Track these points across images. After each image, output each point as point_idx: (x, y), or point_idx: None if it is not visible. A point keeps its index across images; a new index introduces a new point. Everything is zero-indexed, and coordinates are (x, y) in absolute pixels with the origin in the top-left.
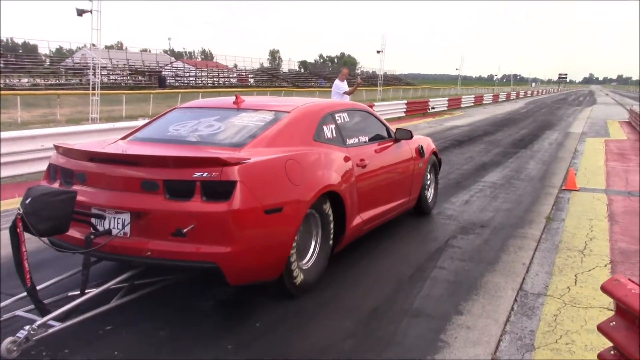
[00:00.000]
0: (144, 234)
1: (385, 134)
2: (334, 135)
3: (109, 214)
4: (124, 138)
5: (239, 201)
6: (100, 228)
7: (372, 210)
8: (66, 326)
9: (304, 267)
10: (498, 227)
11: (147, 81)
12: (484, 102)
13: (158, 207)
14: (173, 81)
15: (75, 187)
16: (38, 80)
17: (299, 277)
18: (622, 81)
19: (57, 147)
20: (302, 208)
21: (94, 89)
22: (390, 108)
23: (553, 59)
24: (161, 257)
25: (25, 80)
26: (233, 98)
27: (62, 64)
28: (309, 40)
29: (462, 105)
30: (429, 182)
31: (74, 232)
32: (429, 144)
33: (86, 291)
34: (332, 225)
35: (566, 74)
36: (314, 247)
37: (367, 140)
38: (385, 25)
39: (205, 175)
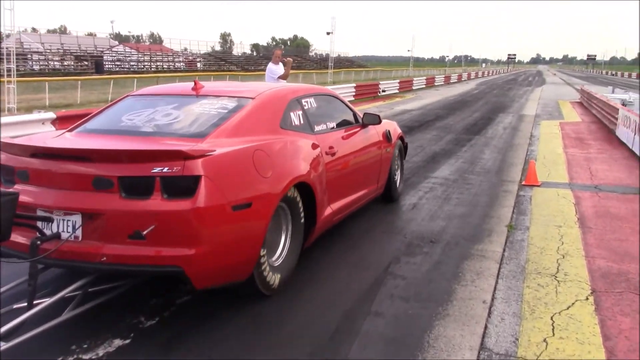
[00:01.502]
0: (98, 237)
1: (352, 119)
2: (302, 121)
3: (57, 216)
4: (71, 130)
5: (204, 198)
6: (48, 232)
7: (342, 200)
8: (12, 345)
9: (275, 264)
10: (451, 241)
11: (84, 67)
12: (435, 84)
13: (113, 207)
14: (112, 66)
15: (17, 187)
16: None
17: (270, 276)
18: (567, 61)
19: None
20: (272, 202)
21: (9, 76)
22: (338, 92)
23: (502, 39)
24: (118, 263)
25: None
26: (192, 84)
27: None
28: (262, 23)
29: (413, 88)
30: (397, 168)
31: (18, 237)
32: (395, 128)
33: (34, 303)
34: (302, 219)
35: (515, 55)
36: (284, 243)
37: (335, 126)
38: (338, 6)
39: (165, 170)
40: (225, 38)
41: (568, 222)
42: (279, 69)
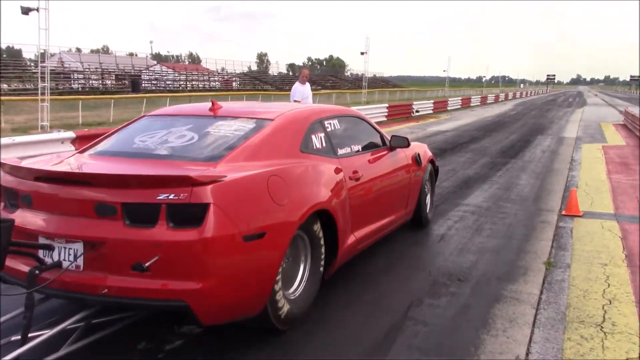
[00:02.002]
0: (100, 267)
1: (379, 141)
2: (324, 145)
3: (59, 244)
4: (82, 151)
5: (213, 227)
6: (49, 260)
7: (367, 227)
8: None
9: (291, 297)
10: (481, 280)
11: (122, 85)
12: (471, 104)
13: (116, 236)
14: (149, 85)
15: (20, 212)
16: (19, 85)
17: (285, 309)
18: (609, 82)
19: (1, 165)
20: (288, 231)
21: (42, 94)
22: (370, 112)
23: (541, 60)
24: (120, 295)
25: (5, 85)
26: (209, 104)
27: (37, 68)
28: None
29: (448, 108)
30: (427, 192)
31: (19, 265)
32: (425, 151)
33: (29, 336)
34: (322, 248)
35: (554, 75)
36: (302, 274)
37: (360, 150)
38: (375, 26)
39: (171, 197)
40: (261, 58)
41: (615, 259)
42: (306, 89)
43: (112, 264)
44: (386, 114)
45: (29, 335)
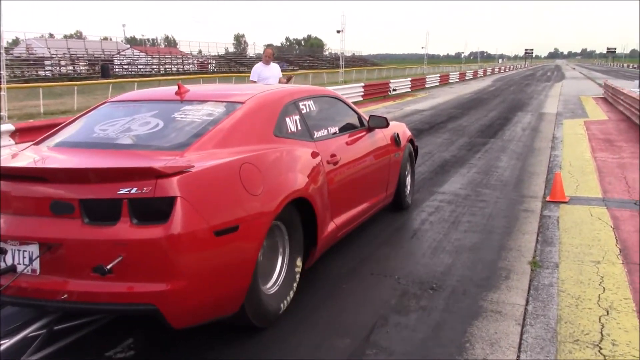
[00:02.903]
0: (58, 270)
1: (357, 122)
2: (299, 127)
3: (12, 246)
4: (37, 143)
5: (181, 223)
6: (2, 264)
7: (347, 213)
8: None
9: (270, 292)
10: (458, 288)
11: (95, 71)
12: (450, 81)
13: (74, 236)
14: (120, 70)
15: None
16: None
17: (264, 305)
18: (586, 54)
19: None
20: (264, 223)
21: None
22: (346, 92)
23: (519, 34)
24: (82, 301)
25: None
26: (175, 88)
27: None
28: (276, 23)
29: (426, 86)
30: (407, 174)
31: None
32: (404, 131)
33: None
34: (301, 237)
35: (532, 49)
36: (280, 266)
37: (338, 131)
38: (352, 5)
39: (134, 191)
40: (239, 39)
41: (608, 255)
42: (268, 70)
43: (71, 266)
44: (362, 93)
45: None
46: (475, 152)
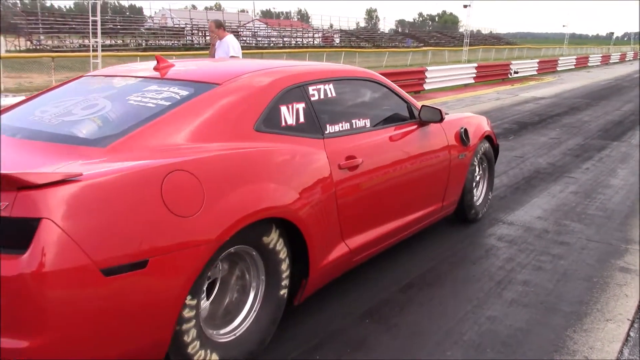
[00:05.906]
0: None
1: (405, 113)
2: (303, 119)
3: None
4: None
5: (43, 255)
6: None
7: (370, 231)
8: None
9: (227, 338)
10: None
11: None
12: (589, 64)
13: None
14: (241, 42)
15: None
16: (130, 41)
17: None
18: None
19: None
20: (198, 256)
21: (94, 50)
22: (453, 73)
23: None
24: None
25: (121, 41)
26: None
27: (144, 25)
28: None
29: (558, 69)
30: (477, 179)
31: None
32: (479, 125)
33: None
34: (284, 267)
35: None
36: (251, 304)
37: (368, 125)
38: None
39: None
40: (370, 14)
41: None
42: (220, 49)
43: None
44: (474, 75)
45: None
46: (583, 160)
